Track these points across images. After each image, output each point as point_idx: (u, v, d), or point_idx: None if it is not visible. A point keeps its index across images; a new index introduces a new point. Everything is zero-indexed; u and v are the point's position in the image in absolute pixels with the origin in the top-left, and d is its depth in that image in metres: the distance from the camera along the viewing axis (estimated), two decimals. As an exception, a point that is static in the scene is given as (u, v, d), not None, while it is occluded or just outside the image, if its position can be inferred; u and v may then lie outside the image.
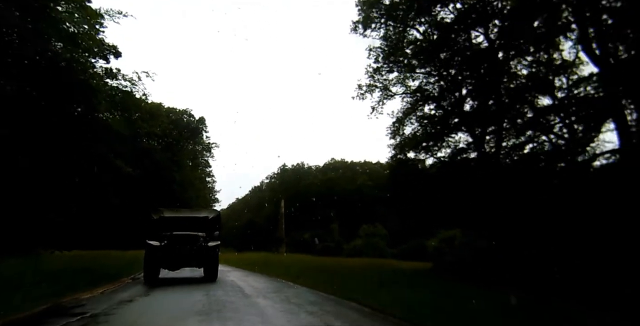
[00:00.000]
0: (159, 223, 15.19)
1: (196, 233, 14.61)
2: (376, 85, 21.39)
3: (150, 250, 13.57)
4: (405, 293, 9.77)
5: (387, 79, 21.18)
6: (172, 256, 13.67)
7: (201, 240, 14.34)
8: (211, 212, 17.62)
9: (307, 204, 69.09)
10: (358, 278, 13.36)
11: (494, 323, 6.82)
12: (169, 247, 13.66)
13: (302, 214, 68.09)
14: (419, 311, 7.21)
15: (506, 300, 8.37)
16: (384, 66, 20.57)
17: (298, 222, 65.26)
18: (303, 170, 77.45)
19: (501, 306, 8.07)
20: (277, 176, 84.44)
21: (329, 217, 63.34)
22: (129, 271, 15.67)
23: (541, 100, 16.47)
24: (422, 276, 16.29)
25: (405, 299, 8.69)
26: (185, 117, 52.99)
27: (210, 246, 14.48)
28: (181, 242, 13.92)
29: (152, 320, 7.04)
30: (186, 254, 13.87)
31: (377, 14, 19.73)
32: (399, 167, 18.39)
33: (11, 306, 7.14)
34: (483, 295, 9.95)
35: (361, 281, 12.31)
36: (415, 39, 19.95)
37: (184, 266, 14.86)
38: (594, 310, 8.18)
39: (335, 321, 6.69)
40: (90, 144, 16.55)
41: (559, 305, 8.61)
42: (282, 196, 60.73)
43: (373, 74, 21.01)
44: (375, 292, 9.75)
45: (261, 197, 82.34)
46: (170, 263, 14.05)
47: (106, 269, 14.36)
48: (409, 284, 12.28)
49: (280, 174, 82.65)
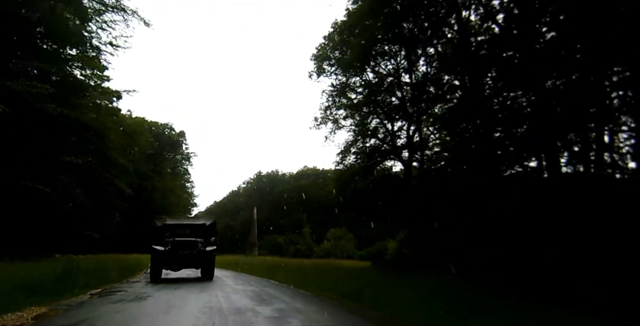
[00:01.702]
0: (162, 229, 16.77)
1: (195, 239, 16.10)
2: (329, 118, 26.56)
3: (155, 253, 15.43)
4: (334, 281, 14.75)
5: (337, 114, 26.41)
6: (174, 259, 15.43)
7: (200, 245, 15.89)
8: (208, 219, 19.12)
9: (281, 209, 73.42)
10: (296, 272, 18.25)
11: (402, 296, 9.50)
12: (172, 251, 15.35)
13: (276, 218, 72.48)
14: (341, 290, 11.75)
15: (425, 282, 11.91)
16: (332, 105, 25.82)
17: (272, 225, 69.44)
18: (277, 177, 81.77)
19: (413, 288, 10.81)
20: (253, 181, 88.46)
21: (301, 221, 67.17)
22: (140, 269, 20.21)
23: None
24: (361, 271, 21.31)
25: (328, 283, 13.73)
26: (167, 131, 57.30)
27: (208, 251, 16.15)
28: (182, 247, 15.51)
29: (178, 295, 11.75)
30: (187, 257, 15.52)
31: (326, 65, 25.02)
32: (342, 188, 23.68)
33: (75, 291, 11.71)
34: (405, 280, 13.40)
35: (294, 273, 17.29)
36: (360, 84, 25.27)
37: (185, 267, 16.53)
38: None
39: (263, 288, 11.85)
40: (103, 175, 21.23)
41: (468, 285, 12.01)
42: (255, 204, 64.75)
43: (325, 110, 26.24)
44: (309, 279, 14.82)
45: (238, 202, 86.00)
46: (172, 265, 15.89)
47: (123, 267, 18.64)
48: (345, 277, 17.19)
49: (256, 180, 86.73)
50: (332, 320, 7.75)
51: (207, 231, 17.33)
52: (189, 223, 18.31)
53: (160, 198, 57.42)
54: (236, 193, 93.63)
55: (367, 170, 22.55)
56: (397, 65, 22.77)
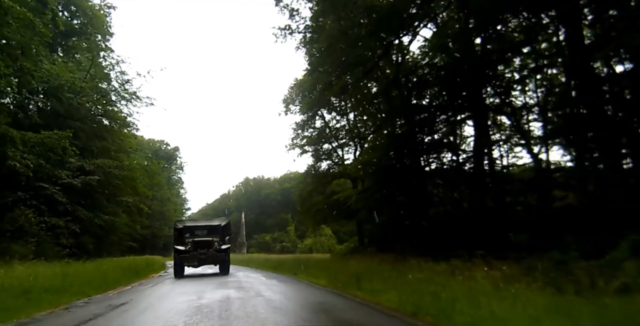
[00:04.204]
0: (183, 230, 18.33)
1: (212, 238, 17.55)
2: (295, 145, 34.75)
3: (177, 252, 17.15)
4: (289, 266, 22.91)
5: (301, 143, 34.58)
6: (194, 257, 16.99)
7: (216, 244, 17.34)
8: (222, 220, 20.29)
9: (268, 210, 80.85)
10: (266, 262, 26.27)
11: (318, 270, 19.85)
12: (192, 250, 16.92)
13: (263, 219, 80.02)
14: (288, 269, 20.15)
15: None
16: (297, 136, 34.05)
17: (260, 225, 77.04)
18: (263, 181, 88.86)
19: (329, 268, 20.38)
20: (241, 185, 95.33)
21: (286, 221, 73.31)
22: (161, 266, 27.52)
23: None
24: (313, 259, 29.30)
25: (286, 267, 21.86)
26: (163, 146, 64.84)
27: (223, 248, 17.64)
28: (201, 246, 16.97)
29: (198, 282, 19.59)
30: (205, 255, 17.01)
31: (292, 106, 33.23)
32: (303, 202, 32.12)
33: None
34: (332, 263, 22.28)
35: (265, 264, 25.47)
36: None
37: (203, 264, 18.02)
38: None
39: (247, 272, 20.01)
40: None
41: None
42: (243, 207, 71.79)
43: (292, 140, 34.42)
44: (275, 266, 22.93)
45: (228, 204, 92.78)
46: (193, 262, 17.46)
47: (147, 266, 26.26)
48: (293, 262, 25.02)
49: (244, 184, 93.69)
50: (277, 277, 15.93)
51: (222, 231, 18.68)
52: (206, 225, 19.71)
53: (159, 205, 64.78)
54: (226, 196, 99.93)
55: (324, 186, 30.79)
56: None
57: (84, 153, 21.37)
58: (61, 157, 17.18)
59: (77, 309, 8.37)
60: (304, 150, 34.56)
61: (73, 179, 19.72)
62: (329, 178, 31.23)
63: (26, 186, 17.37)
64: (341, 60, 16.36)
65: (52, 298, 8.80)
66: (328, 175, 31.25)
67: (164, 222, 60.22)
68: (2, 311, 7.07)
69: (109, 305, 8.82)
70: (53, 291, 9.20)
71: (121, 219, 26.93)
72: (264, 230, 75.70)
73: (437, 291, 6.77)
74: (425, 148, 20.60)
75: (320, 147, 32.78)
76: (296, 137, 34.28)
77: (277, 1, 21.32)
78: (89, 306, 8.82)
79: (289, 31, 21.90)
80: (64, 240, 18.35)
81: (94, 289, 11.08)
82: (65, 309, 8.26)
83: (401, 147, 20.16)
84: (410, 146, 19.89)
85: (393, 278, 9.20)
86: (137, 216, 32.84)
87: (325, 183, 30.79)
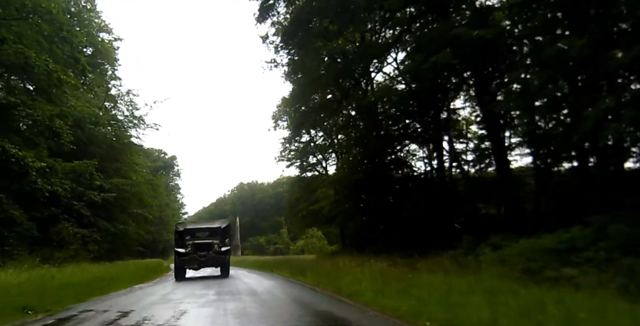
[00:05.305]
0: (183, 233, 18.22)
1: (212, 240, 17.36)
2: (283, 158, 38.94)
3: (178, 255, 17.09)
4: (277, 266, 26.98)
5: (289, 156, 38.75)
6: (194, 259, 16.88)
7: (216, 247, 17.09)
8: (223, 222, 20.16)
9: (262, 213, 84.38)
10: (254, 262, 30.42)
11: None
12: (192, 252, 16.78)
13: (257, 222, 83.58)
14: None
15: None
16: (284, 150, 38.26)
17: (255, 228, 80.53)
18: (257, 185, 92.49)
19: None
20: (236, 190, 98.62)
21: (279, 223, 75.76)
22: (167, 268, 31.38)
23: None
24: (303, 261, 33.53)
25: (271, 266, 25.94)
26: (162, 155, 68.63)
27: (223, 251, 17.45)
28: (201, 248, 16.81)
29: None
30: (205, 257, 16.84)
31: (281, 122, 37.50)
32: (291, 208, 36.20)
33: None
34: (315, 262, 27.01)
35: (255, 264, 29.62)
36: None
37: (204, 266, 17.98)
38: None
39: (241, 271, 24.15)
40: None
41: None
42: (238, 211, 75.27)
43: (280, 153, 38.64)
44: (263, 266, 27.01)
45: (224, 208, 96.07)
46: (193, 265, 17.43)
47: (157, 267, 30.25)
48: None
49: (239, 188, 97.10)
50: (257, 272, 20.43)
51: (222, 233, 18.62)
52: (206, 227, 19.73)
53: (158, 211, 68.45)
54: (222, 200, 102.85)
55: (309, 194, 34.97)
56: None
57: (101, 173, 25.34)
58: (90, 181, 21.18)
59: (138, 290, 13.48)
60: (291, 162, 38.78)
61: (95, 197, 23.76)
62: (313, 187, 35.37)
63: (59, 203, 21.34)
64: (310, 105, 20.72)
65: (117, 284, 13.66)
66: (312, 185, 35.40)
67: (162, 227, 63.52)
68: (99, 288, 12.29)
69: (154, 288, 13.97)
70: (116, 280, 14.28)
71: (132, 228, 30.89)
72: (258, 232, 78.96)
73: (332, 274, 11.90)
74: (389, 164, 24.77)
75: (306, 160, 36.96)
76: (284, 150, 38.53)
77: (263, 39, 25.53)
78: (145, 289, 13.93)
79: (274, 64, 26.34)
80: (91, 247, 22.36)
81: (134, 281, 15.70)
82: (129, 290, 13.28)
83: (368, 164, 24.36)
84: (376, 163, 24.06)
85: (326, 269, 13.95)
86: (144, 224, 36.77)
87: (310, 192, 34.92)
